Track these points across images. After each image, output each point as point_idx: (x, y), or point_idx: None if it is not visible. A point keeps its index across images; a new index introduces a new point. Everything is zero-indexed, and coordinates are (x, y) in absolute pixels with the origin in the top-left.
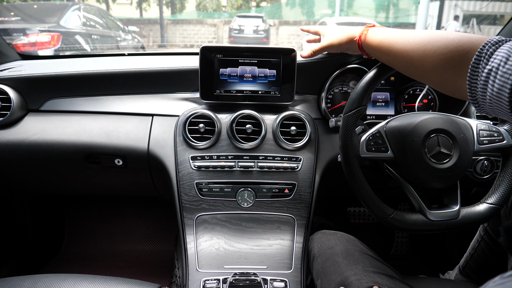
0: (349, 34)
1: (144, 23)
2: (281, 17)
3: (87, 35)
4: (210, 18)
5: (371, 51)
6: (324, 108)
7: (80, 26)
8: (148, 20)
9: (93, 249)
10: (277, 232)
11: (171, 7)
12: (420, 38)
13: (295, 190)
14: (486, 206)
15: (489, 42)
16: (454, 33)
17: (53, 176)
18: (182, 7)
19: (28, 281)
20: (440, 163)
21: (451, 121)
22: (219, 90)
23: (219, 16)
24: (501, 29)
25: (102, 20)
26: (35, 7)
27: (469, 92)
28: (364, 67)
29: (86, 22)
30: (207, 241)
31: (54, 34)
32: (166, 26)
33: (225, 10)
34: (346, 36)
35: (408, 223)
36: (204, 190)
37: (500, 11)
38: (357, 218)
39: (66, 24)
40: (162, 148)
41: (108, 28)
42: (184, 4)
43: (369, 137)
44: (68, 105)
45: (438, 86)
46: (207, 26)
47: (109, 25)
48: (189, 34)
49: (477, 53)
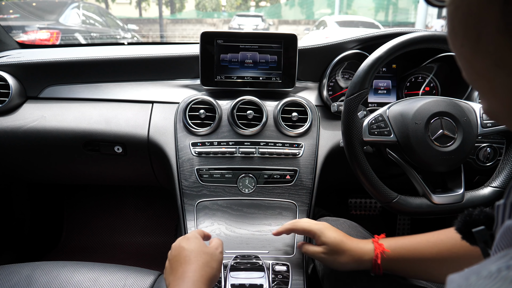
0: (356, 256)
1: (143, 22)
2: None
3: (86, 33)
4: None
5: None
6: (326, 95)
7: (79, 23)
8: (148, 19)
9: (92, 241)
10: (278, 218)
11: (171, 6)
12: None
13: (296, 176)
14: (491, 189)
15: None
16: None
17: (52, 164)
18: (182, 7)
19: (27, 268)
20: (443, 146)
21: (454, 104)
22: (219, 76)
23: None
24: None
25: (101, 18)
26: (34, 5)
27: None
28: (365, 52)
29: (85, 20)
30: (208, 226)
31: (54, 32)
32: (166, 25)
33: (224, 10)
34: (351, 259)
35: (412, 207)
36: (204, 176)
37: None
38: (358, 209)
39: (65, 21)
40: (162, 135)
41: (107, 26)
42: (183, 4)
43: (372, 121)
44: (68, 92)
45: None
46: (206, 25)
47: (109, 23)
48: (188, 33)
49: None
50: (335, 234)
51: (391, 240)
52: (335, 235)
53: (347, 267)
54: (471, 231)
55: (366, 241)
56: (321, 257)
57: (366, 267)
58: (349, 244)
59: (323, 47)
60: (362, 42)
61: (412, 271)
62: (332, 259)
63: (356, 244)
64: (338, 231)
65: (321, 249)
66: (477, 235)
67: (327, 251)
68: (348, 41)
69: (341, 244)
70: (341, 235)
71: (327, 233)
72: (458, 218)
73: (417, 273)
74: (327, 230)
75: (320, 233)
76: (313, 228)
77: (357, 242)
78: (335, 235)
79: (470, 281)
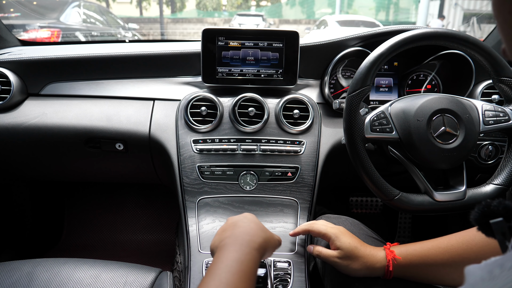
0: (368, 263)
1: (144, 21)
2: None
3: (87, 32)
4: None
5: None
6: (328, 93)
7: (80, 22)
8: (148, 19)
9: (93, 239)
10: (280, 215)
11: (171, 5)
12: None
13: (298, 173)
14: (493, 187)
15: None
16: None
17: (53, 161)
18: (182, 6)
19: (28, 265)
20: (445, 143)
21: (456, 101)
22: (221, 73)
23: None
24: (488, 35)
25: (102, 17)
26: (35, 3)
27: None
28: (367, 49)
29: (86, 19)
30: (209, 223)
31: (54, 30)
32: (166, 24)
33: (225, 9)
34: (364, 266)
35: (414, 204)
36: (206, 173)
37: None
38: (359, 207)
39: (66, 20)
40: (164, 132)
41: (108, 25)
42: (184, 3)
43: (374, 118)
44: (69, 89)
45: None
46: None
47: (109, 22)
48: (189, 32)
49: None
50: (350, 240)
51: (402, 247)
52: (350, 241)
53: (359, 274)
54: (488, 222)
55: (378, 248)
56: (334, 262)
57: (378, 275)
58: (362, 251)
59: (324, 45)
60: (364, 40)
61: (424, 276)
62: (346, 264)
63: (369, 252)
64: (354, 237)
65: (335, 253)
66: (495, 226)
67: (341, 256)
68: (349, 38)
69: (355, 251)
70: (356, 241)
71: (342, 238)
72: (475, 209)
73: (429, 279)
74: (342, 235)
75: (335, 238)
76: (328, 232)
77: (370, 250)
78: (350, 240)
79: (493, 274)
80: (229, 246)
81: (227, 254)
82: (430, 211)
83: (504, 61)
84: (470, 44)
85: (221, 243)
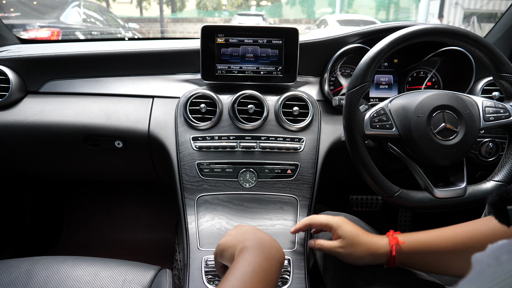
0: (371, 249)
1: (144, 21)
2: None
3: (87, 32)
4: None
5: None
6: (327, 90)
7: (80, 22)
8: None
9: (93, 237)
10: (279, 212)
11: (171, 5)
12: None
13: (297, 170)
14: (493, 183)
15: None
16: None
17: (52, 158)
18: (183, 6)
19: (27, 263)
20: (446, 140)
21: (457, 98)
22: (220, 71)
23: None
24: (488, 32)
25: (102, 17)
26: (35, 3)
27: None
28: (366, 46)
29: (86, 19)
30: (208, 221)
31: (54, 30)
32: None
33: (225, 9)
34: (367, 252)
35: (414, 201)
36: (205, 170)
37: (501, 9)
38: (359, 206)
39: (66, 20)
40: (163, 129)
41: (108, 25)
42: (184, 3)
43: (374, 114)
44: (68, 87)
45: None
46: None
47: (109, 22)
48: (189, 32)
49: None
50: (352, 228)
51: (406, 235)
52: (352, 229)
53: (363, 261)
54: (505, 208)
55: (382, 236)
56: (337, 251)
57: (382, 261)
58: (365, 238)
59: (324, 41)
60: (364, 36)
61: (427, 264)
62: (348, 252)
63: (372, 238)
64: (355, 225)
65: (337, 243)
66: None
67: (343, 245)
68: (349, 35)
69: (357, 238)
70: (358, 229)
71: (344, 226)
72: (493, 193)
73: (432, 267)
74: (344, 223)
75: (338, 227)
76: (330, 222)
77: (372, 237)
78: (352, 228)
79: (501, 260)
80: (255, 251)
81: (254, 259)
82: (430, 208)
83: (504, 57)
84: (470, 40)
85: (244, 244)
